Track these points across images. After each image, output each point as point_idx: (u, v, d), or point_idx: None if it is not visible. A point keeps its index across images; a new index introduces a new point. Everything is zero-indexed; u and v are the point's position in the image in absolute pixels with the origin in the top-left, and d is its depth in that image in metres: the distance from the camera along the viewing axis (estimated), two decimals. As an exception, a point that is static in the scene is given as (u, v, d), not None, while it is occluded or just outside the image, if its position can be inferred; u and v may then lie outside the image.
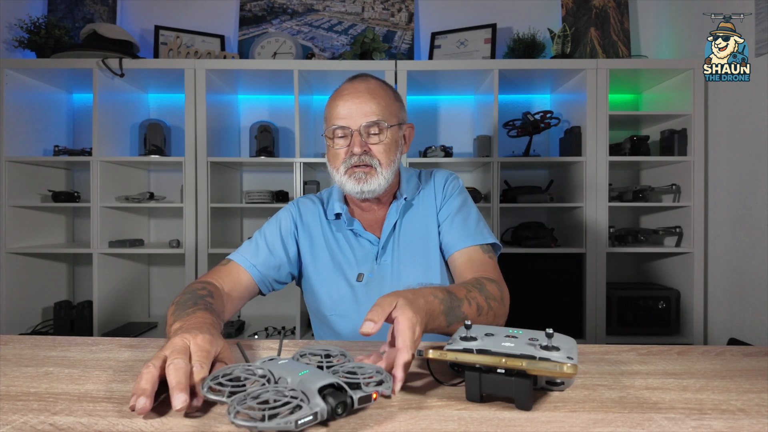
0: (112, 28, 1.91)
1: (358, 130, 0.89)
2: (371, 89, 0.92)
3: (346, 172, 0.91)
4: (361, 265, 0.96)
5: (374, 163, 0.90)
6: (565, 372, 0.46)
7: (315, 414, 0.42)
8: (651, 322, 1.82)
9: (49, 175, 2.01)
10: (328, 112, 0.94)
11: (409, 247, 0.96)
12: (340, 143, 0.91)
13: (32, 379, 0.57)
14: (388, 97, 0.93)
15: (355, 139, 0.89)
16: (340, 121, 0.90)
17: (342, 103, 0.91)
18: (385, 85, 0.96)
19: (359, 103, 0.90)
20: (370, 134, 0.90)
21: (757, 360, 0.65)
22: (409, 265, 0.95)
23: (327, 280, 0.96)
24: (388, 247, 0.97)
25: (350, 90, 0.92)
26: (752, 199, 1.57)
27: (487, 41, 2.09)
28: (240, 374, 0.50)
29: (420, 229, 0.97)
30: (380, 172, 0.90)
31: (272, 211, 2.16)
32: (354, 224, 0.98)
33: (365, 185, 0.90)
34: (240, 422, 0.40)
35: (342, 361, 0.55)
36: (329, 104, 0.94)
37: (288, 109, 2.08)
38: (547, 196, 1.93)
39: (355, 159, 0.89)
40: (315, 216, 1.02)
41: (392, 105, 0.93)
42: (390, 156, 0.92)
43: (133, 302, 2.06)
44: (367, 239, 0.97)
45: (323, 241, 0.99)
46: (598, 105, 1.82)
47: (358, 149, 0.88)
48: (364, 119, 0.89)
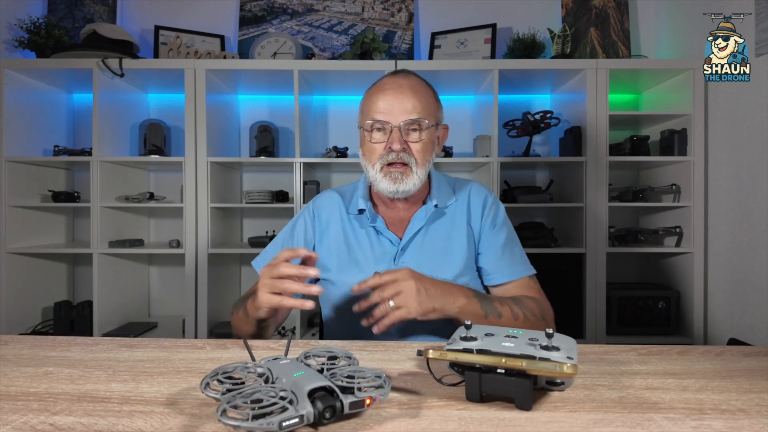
0: (112, 28, 1.91)
1: (398, 126, 0.87)
2: (413, 86, 0.90)
3: (381, 169, 0.90)
4: (378, 263, 0.95)
5: (411, 161, 0.89)
6: (565, 372, 0.46)
7: (301, 417, 0.41)
8: (651, 322, 1.82)
9: (49, 175, 2.01)
10: (366, 105, 0.92)
11: (431, 254, 0.94)
12: (377, 137, 0.90)
13: (32, 379, 0.57)
14: (429, 96, 0.92)
15: (395, 135, 0.87)
16: (380, 115, 0.88)
17: (383, 97, 0.89)
18: (426, 83, 0.95)
19: (401, 99, 0.88)
20: (409, 131, 0.89)
21: (757, 360, 0.65)
22: (430, 272, 0.92)
23: (343, 275, 0.95)
24: (409, 250, 0.95)
25: (392, 85, 0.90)
26: (752, 199, 1.57)
27: (487, 41, 2.09)
28: (239, 373, 0.50)
29: (445, 238, 0.96)
30: (416, 171, 0.89)
31: (272, 211, 2.16)
32: (377, 221, 0.96)
33: (401, 185, 0.89)
34: (225, 420, 0.40)
35: (346, 363, 0.54)
36: (368, 97, 0.93)
37: (288, 109, 2.08)
38: (547, 196, 1.93)
39: (392, 156, 0.88)
40: (335, 210, 1.01)
41: (432, 104, 0.92)
42: (426, 156, 0.91)
43: (133, 302, 2.06)
44: (388, 238, 0.96)
45: (342, 236, 0.98)
46: (598, 105, 1.82)
47: (398, 146, 0.87)
48: (405, 116, 0.88)
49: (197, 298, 1.84)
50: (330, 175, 2.24)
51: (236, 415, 0.41)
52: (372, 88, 0.94)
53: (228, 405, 0.41)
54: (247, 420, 0.40)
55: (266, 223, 2.19)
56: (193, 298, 1.84)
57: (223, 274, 2.01)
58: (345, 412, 0.44)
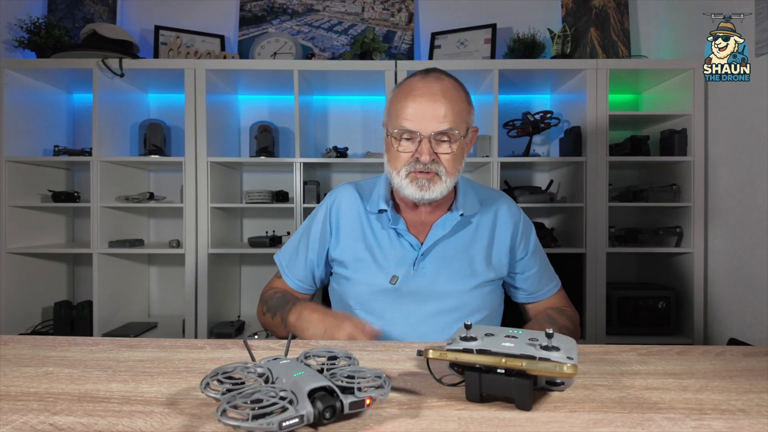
0: (112, 28, 1.91)
1: (428, 137, 0.82)
2: (446, 91, 0.84)
3: (407, 175, 0.86)
4: (399, 266, 0.92)
5: (440, 171, 0.85)
6: (565, 372, 0.46)
7: (301, 417, 0.41)
8: (651, 322, 1.82)
9: (49, 175, 2.01)
10: (395, 109, 0.87)
11: (452, 263, 0.92)
12: (405, 146, 0.85)
13: (32, 379, 0.57)
14: (461, 101, 0.86)
15: (424, 146, 0.83)
16: (409, 123, 0.83)
17: (413, 103, 0.83)
18: (459, 84, 0.89)
19: (433, 107, 0.82)
20: (440, 142, 0.84)
21: (757, 360, 0.65)
22: (449, 280, 0.92)
23: (360, 273, 0.94)
24: (430, 256, 0.93)
25: (423, 90, 0.84)
26: (752, 199, 1.57)
27: (487, 41, 2.09)
28: (239, 373, 0.50)
29: (467, 248, 0.94)
30: (444, 180, 0.86)
31: (272, 211, 2.16)
32: (399, 224, 0.93)
33: (427, 193, 0.85)
34: (225, 420, 0.40)
35: (346, 364, 0.54)
36: (397, 100, 0.87)
37: (288, 109, 2.08)
38: (547, 196, 1.93)
39: (420, 166, 0.84)
40: (353, 206, 0.98)
41: (464, 110, 0.87)
42: (456, 165, 0.87)
43: (133, 302, 2.06)
44: (409, 242, 0.93)
45: (360, 233, 0.96)
46: (598, 105, 1.82)
47: (427, 158, 0.82)
48: (436, 126, 0.82)
49: (197, 298, 1.84)
50: (330, 175, 2.24)
51: (236, 415, 0.41)
52: (401, 89, 0.88)
53: (228, 405, 0.41)
54: (247, 420, 0.40)
55: (266, 223, 2.19)
56: (193, 298, 1.84)
57: (223, 274, 2.01)
58: (345, 412, 0.44)
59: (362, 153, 2.17)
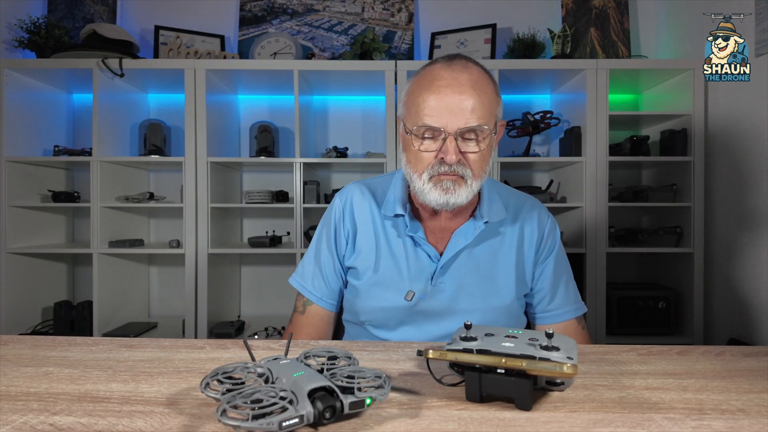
0: (112, 28, 1.91)
1: (454, 134, 0.72)
2: (474, 82, 0.73)
3: (430, 179, 0.75)
4: (414, 280, 0.82)
5: (467, 173, 0.74)
6: (565, 372, 0.46)
7: (301, 417, 0.41)
8: (651, 322, 1.82)
9: (49, 175, 2.01)
10: (414, 101, 0.75)
11: (476, 279, 0.82)
12: (427, 146, 0.74)
13: (32, 379, 0.57)
14: (490, 92, 0.75)
15: (450, 145, 0.72)
16: (432, 120, 0.72)
17: (436, 96, 0.72)
18: (487, 73, 0.77)
19: (459, 100, 0.71)
20: (466, 140, 0.74)
21: (757, 360, 0.65)
22: (471, 298, 0.82)
23: (373, 290, 0.84)
24: (450, 270, 0.83)
25: (449, 80, 0.72)
26: (752, 199, 1.57)
27: (487, 41, 2.09)
28: (239, 373, 0.50)
29: (492, 261, 0.84)
30: (470, 183, 0.75)
31: (272, 211, 2.16)
32: (418, 232, 0.83)
33: (452, 197, 0.75)
34: (225, 420, 0.40)
35: (346, 364, 0.54)
36: (417, 90, 0.75)
37: (288, 109, 2.08)
38: (547, 196, 1.93)
39: (445, 168, 0.74)
40: (366, 209, 0.88)
41: (494, 102, 0.76)
42: (484, 166, 0.76)
43: (133, 302, 2.06)
44: (426, 252, 0.83)
45: (373, 240, 0.85)
46: (598, 105, 1.82)
47: (453, 158, 0.72)
48: (463, 122, 0.72)
49: (197, 298, 1.84)
50: (330, 175, 2.24)
51: (236, 415, 0.41)
52: (422, 78, 0.76)
53: (228, 405, 0.41)
54: (247, 420, 0.40)
55: (266, 223, 2.19)
56: (193, 298, 1.84)
57: (223, 274, 2.01)
58: (345, 412, 0.44)
59: (362, 153, 2.17)
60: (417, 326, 0.84)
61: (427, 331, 0.83)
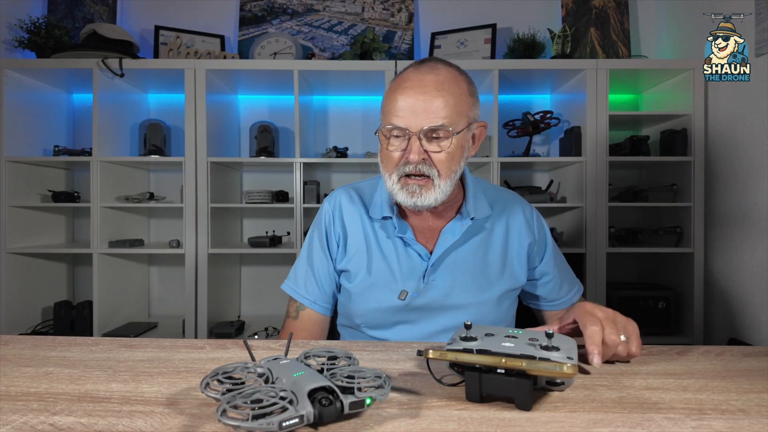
0: (112, 28, 1.91)
1: (417, 134, 0.74)
2: (440, 83, 0.75)
3: (399, 180, 0.78)
4: (406, 279, 0.85)
5: (432, 173, 0.76)
6: (565, 372, 0.46)
7: (301, 417, 0.41)
8: (651, 322, 1.82)
9: (49, 175, 2.01)
10: (386, 105, 0.79)
11: (467, 274, 0.85)
12: (395, 145, 0.77)
13: (32, 379, 0.57)
14: (459, 93, 0.77)
15: (413, 145, 0.75)
16: (398, 120, 0.75)
17: (403, 97, 0.75)
18: (458, 74, 0.79)
19: (423, 100, 0.74)
20: (431, 139, 0.76)
21: (757, 360, 0.65)
22: (463, 292, 0.85)
23: (366, 292, 0.86)
24: (441, 267, 0.85)
25: (415, 82, 0.76)
26: (752, 199, 1.57)
27: (487, 41, 2.09)
28: (239, 373, 0.50)
29: (482, 256, 0.87)
30: (437, 184, 0.77)
31: (272, 211, 2.16)
32: (407, 232, 0.85)
33: (419, 199, 0.77)
34: (225, 420, 0.40)
35: (346, 364, 0.54)
36: (389, 94, 0.79)
37: (288, 109, 2.08)
38: (547, 196, 1.93)
39: (410, 167, 0.76)
40: (355, 213, 0.90)
41: (463, 103, 0.77)
42: (452, 166, 0.78)
43: (133, 302, 2.06)
44: (417, 251, 0.85)
45: (363, 243, 0.87)
46: (598, 105, 1.82)
47: (415, 157, 0.75)
48: (426, 122, 0.74)
49: (197, 298, 1.84)
50: (330, 175, 2.24)
51: (236, 415, 0.41)
52: (394, 81, 0.79)
53: (228, 405, 0.41)
54: (247, 420, 0.40)
55: (266, 223, 2.19)
56: (193, 298, 1.84)
57: (223, 274, 2.01)
58: (345, 412, 0.44)
59: (362, 153, 2.17)
60: (412, 324, 0.86)
61: (422, 328, 0.86)
